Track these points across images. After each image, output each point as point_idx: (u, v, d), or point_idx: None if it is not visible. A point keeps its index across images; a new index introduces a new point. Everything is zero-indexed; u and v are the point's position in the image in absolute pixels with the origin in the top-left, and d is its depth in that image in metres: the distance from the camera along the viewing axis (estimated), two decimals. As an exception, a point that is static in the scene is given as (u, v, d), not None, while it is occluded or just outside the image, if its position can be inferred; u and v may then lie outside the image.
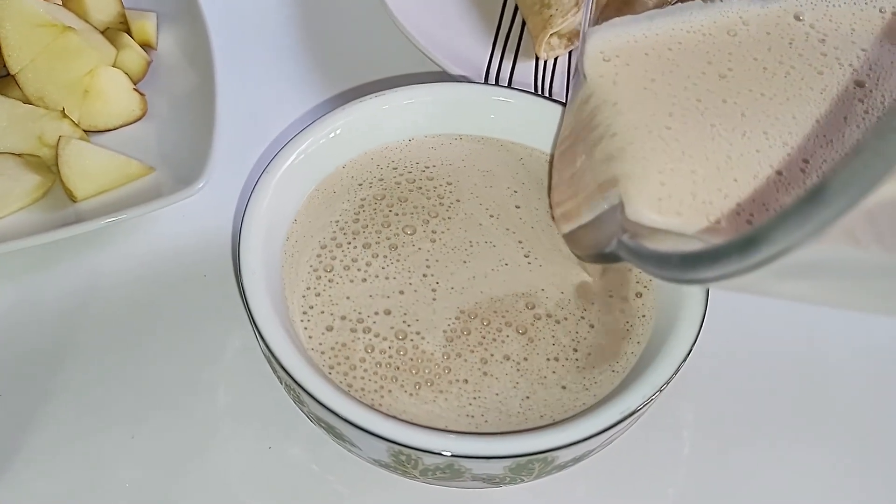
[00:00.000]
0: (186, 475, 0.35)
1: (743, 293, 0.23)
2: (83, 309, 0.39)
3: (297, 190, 0.35)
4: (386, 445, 0.28)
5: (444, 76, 0.45)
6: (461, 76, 0.45)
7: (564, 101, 0.36)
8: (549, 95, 0.45)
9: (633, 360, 0.31)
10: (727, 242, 0.19)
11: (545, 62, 0.47)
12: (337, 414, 0.28)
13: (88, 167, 0.41)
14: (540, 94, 0.42)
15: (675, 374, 0.29)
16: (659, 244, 0.26)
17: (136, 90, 0.45)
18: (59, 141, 0.41)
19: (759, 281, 0.20)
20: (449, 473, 0.29)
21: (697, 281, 0.21)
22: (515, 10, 0.50)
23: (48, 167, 0.42)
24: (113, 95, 0.44)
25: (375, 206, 0.35)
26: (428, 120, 0.37)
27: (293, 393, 0.31)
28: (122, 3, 0.48)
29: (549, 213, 0.35)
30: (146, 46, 0.47)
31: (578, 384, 0.31)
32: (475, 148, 0.37)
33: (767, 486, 0.36)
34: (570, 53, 0.48)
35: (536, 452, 0.28)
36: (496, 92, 0.37)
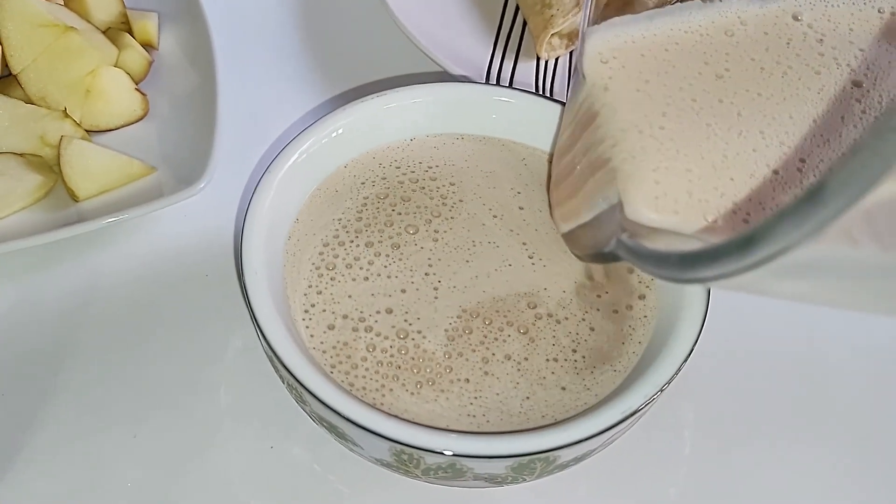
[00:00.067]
0: (187, 475, 0.35)
1: (742, 293, 0.23)
2: (85, 309, 0.39)
3: (298, 189, 0.35)
4: (388, 445, 0.28)
5: (445, 76, 0.45)
6: (462, 76, 0.45)
7: (565, 101, 0.36)
8: (550, 95, 0.45)
9: (634, 359, 0.32)
10: (726, 242, 0.19)
11: (546, 62, 0.47)
12: (339, 413, 0.28)
13: (90, 167, 0.41)
14: (541, 94, 0.42)
15: (676, 373, 0.30)
16: (658, 243, 0.26)
17: (137, 90, 0.45)
18: (60, 141, 0.41)
19: (758, 280, 0.20)
20: (451, 473, 0.29)
21: (696, 280, 0.21)
22: (516, 10, 0.50)
23: (50, 167, 0.42)
24: (114, 95, 0.44)
25: (378, 204, 0.35)
26: (429, 120, 0.37)
27: (295, 392, 0.31)
28: (123, 2, 0.48)
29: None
30: (148, 46, 0.47)
31: (578, 385, 0.31)
32: (478, 148, 0.37)
33: (768, 485, 0.36)
34: (570, 53, 0.48)
35: (538, 452, 0.28)
36: (497, 92, 0.38)
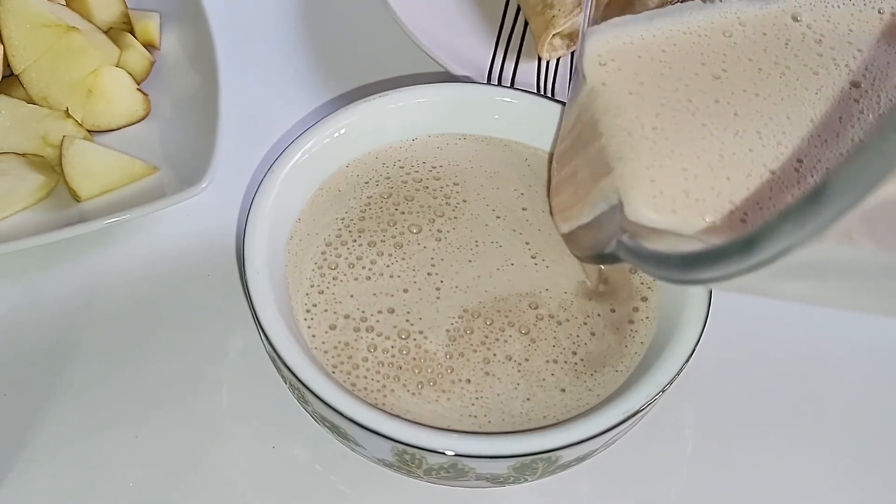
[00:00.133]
0: (189, 475, 0.35)
1: (743, 294, 0.23)
2: (86, 308, 0.39)
3: (301, 189, 0.35)
4: (390, 445, 0.28)
5: (446, 76, 0.45)
6: (464, 76, 0.45)
7: (566, 101, 0.36)
8: (551, 96, 0.45)
9: (636, 360, 0.32)
10: (728, 243, 0.19)
11: (547, 62, 0.47)
12: (342, 413, 0.28)
13: (92, 167, 0.41)
14: (542, 94, 0.42)
15: (678, 374, 0.30)
16: (658, 244, 0.26)
17: (139, 90, 0.45)
18: (62, 141, 0.41)
19: (759, 281, 0.20)
20: (453, 473, 0.29)
21: (698, 281, 0.21)
22: (518, 10, 0.50)
23: (52, 167, 0.42)
24: (116, 95, 0.44)
25: (382, 204, 0.35)
26: (431, 120, 0.37)
27: (297, 392, 0.31)
28: (125, 3, 0.48)
29: (554, 214, 0.35)
30: (149, 46, 0.47)
31: (577, 387, 0.31)
32: (481, 148, 0.37)
33: (769, 485, 0.36)
34: (572, 54, 0.48)
35: (540, 452, 0.28)
36: (499, 92, 0.38)
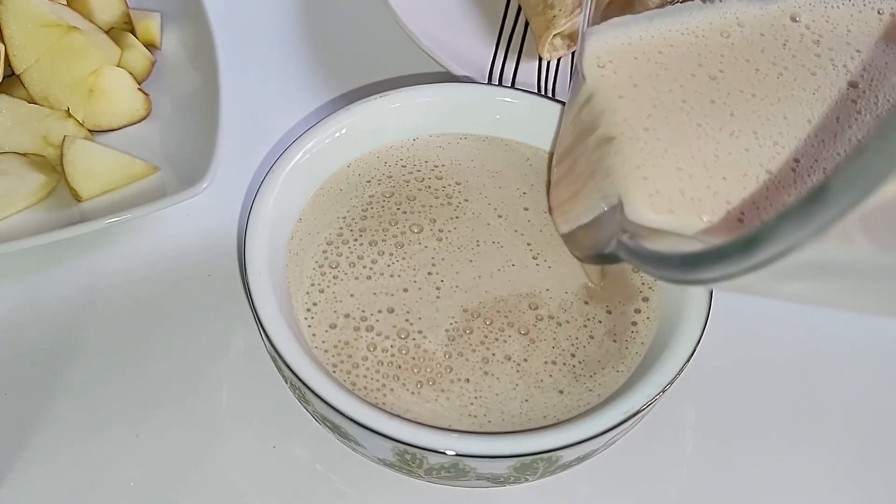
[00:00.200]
0: (189, 475, 0.35)
1: (744, 294, 0.23)
2: (87, 308, 0.39)
3: (302, 189, 0.35)
4: (391, 445, 0.28)
5: (447, 77, 0.45)
6: (465, 77, 0.45)
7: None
8: (552, 96, 0.45)
9: (637, 360, 0.32)
10: (728, 243, 0.19)
11: (548, 63, 0.47)
12: (343, 413, 0.28)
13: (93, 167, 0.41)
14: (543, 94, 0.42)
15: (678, 374, 0.30)
16: (658, 245, 0.26)
17: (140, 90, 0.45)
18: (63, 140, 0.41)
19: (759, 282, 0.20)
20: (453, 473, 0.29)
21: (698, 281, 0.21)
22: (518, 10, 0.50)
23: (53, 167, 0.42)
24: (117, 95, 0.44)
25: (384, 203, 0.35)
26: (432, 120, 0.37)
27: (298, 392, 0.31)
28: (126, 2, 0.48)
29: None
30: (150, 46, 0.47)
31: (576, 389, 0.31)
32: (482, 148, 0.37)
33: (769, 485, 0.36)
34: (573, 54, 0.48)
35: (541, 452, 0.28)
36: (500, 92, 0.38)
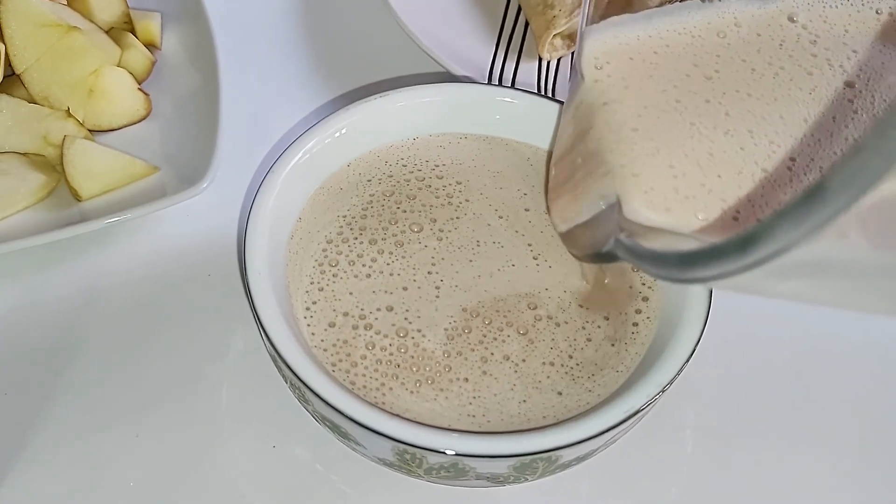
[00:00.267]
0: (189, 475, 0.35)
1: (741, 293, 0.23)
2: (87, 308, 0.39)
3: (302, 189, 0.35)
4: (391, 444, 0.28)
5: (447, 77, 0.45)
6: (465, 77, 0.45)
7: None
8: (552, 96, 0.45)
9: (636, 360, 0.32)
10: (725, 241, 0.19)
11: (548, 63, 0.47)
12: (343, 413, 0.28)
13: (93, 167, 0.41)
14: (543, 94, 0.42)
15: (678, 374, 0.30)
16: (656, 243, 0.26)
17: (140, 90, 0.45)
18: (63, 140, 0.41)
19: (757, 280, 0.20)
20: (453, 472, 0.29)
21: (696, 280, 0.21)
22: (518, 10, 0.50)
23: (53, 166, 0.42)
24: (117, 95, 0.44)
25: (384, 202, 0.35)
26: (432, 120, 0.37)
27: (298, 392, 0.31)
28: (126, 2, 0.48)
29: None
30: (150, 46, 0.47)
31: (575, 389, 0.31)
32: (483, 147, 0.37)
33: (769, 485, 0.36)
34: (572, 54, 0.48)
35: (540, 452, 0.28)
36: (500, 92, 0.38)
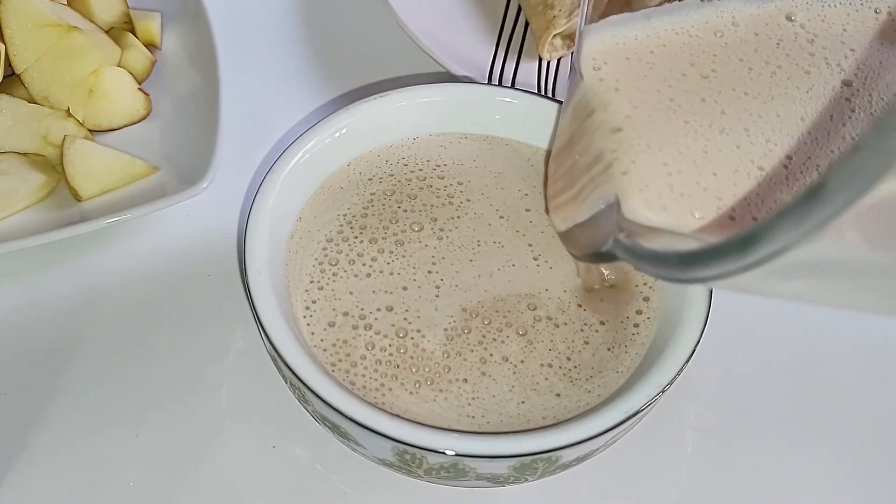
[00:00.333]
0: (189, 475, 0.35)
1: (741, 293, 0.23)
2: (87, 308, 0.39)
3: (302, 189, 0.35)
4: (391, 445, 0.28)
5: (447, 77, 0.45)
6: (465, 77, 0.45)
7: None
8: (552, 96, 0.45)
9: (637, 360, 0.31)
10: (725, 241, 0.19)
11: (548, 63, 0.47)
12: (342, 413, 0.28)
13: (93, 166, 0.41)
14: (543, 94, 0.42)
15: (678, 374, 0.30)
16: (655, 243, 0.26)
17: (140, 90, 0.45)
18: (64, 140, 0.41)
19: (756, 280, 0.20)
20: (453, 473, 0.29)
21: (695, 280, 0.21)
22: (518, 10, 0.50)
23: (53, 166, 0.42)
24: (117, 95, 0.44)
25: (385, 201, 0.35)
26: (432, 120, 0.37)
27: (298, 392, 0.31)
28: (126, 2, 0.48)
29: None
30: (150, 46, 0.47)
31: (574, 391, 0.31)
32: (484, 147, 0.37)
33: (769, 485, 0.36)
34: (573, 54, 0.48)
35: (540, 452, 0.28)
36: (500, 92, 0.38)
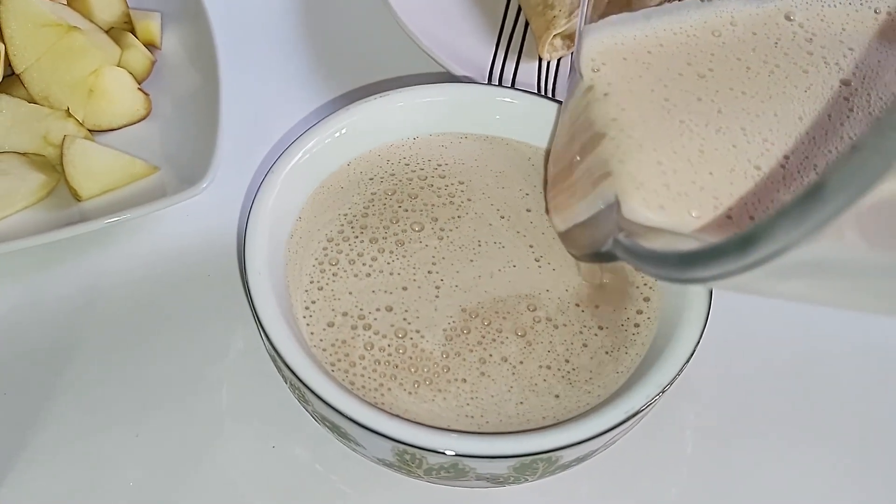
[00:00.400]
0: (189, 475, 0.35)
1: (741, 293, 0.23)
2: (87, 308, 0.39)
3: (302, 188, 0.35)
4: (391, 445, 0.28)
5: (447, 77, 0.45)
6: (465, 77, 0.45)
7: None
8: (552, 96, 0.45)
9: (637, 360, 0.31)
10: (725, 241, 0.19)
11: (548, 63, 0.47)
12: (342, 413, 0.28)
13: (93, 166, 0.41)
14: (543, 94, 0.42)
15: (678, 374, 0.30)
16: (655, 243, 0.26)
17: (140, 90, 0.45)
18: (63, 140, 0.41)
19: (757, 280, 0.20)
20: (453, 473, 0.29)
21: (695, 280, 0.21)
22: (518, 10, 0.50)
23: (53, 166, 0.42)
24: (117, 95, 0.44)
25: (385, 201, 0.35)
26: (433, 120, 0.37)
27: (298, 392, 0.31)
28: (126, 2, 0.48)
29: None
30: (150, 46, 0.47)
31: (573, 391, 0.31)
32: (485, 147, 0.37)
33: (769, 485, 0.36)
34: (573, 54, 0.48)
35: (540, 452, 0.28)
36: (500, 93, 0.38)
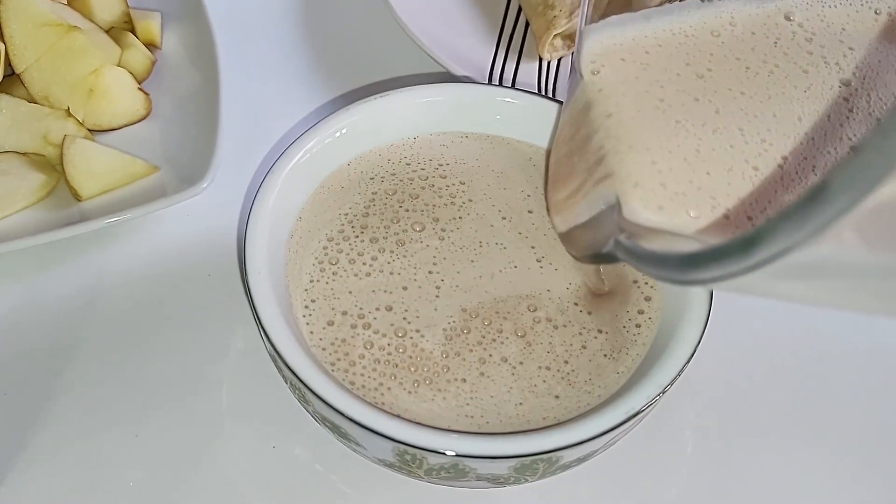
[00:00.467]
0: (189, 475, 0.35)
1: (742, 294, 0.23)
2: (87, 308, 0.39)
3: (302, 188, 0.35)
4: (391, 445, 0.28)
5: (447, 77, 0.45)
6: (465, 77, 0.45)
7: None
8: (552, 96, 0.45)
9: (637, 361, 0.31)
10: (727, 242, 0.19)
11: (548, 63, 0.47)
12: (343, 414, 0.28)
13: (93, 166, 0.41)
14: (543, 94, 0.42)
15: (679, 374, 0.30)
16: (655, 245, 0.26)
17: (140, 89, 0.45)
18: (63, 140, 0.41)
19: (758, 281, 0.20)
20: (453, 473, 0.29)
21: (697, 282, 0.21)
22: (519, 10, 0.50)
23: (53, 166, 0.42)
24: (117, 95, 0.44)
25: (386, 200, 0.35)
26: (433, 120, 0.37)
27: (298, 392, 0.31)
28: (126, 2, 0.48)
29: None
30: (151, 46, 0.47)
31: (572, 392, 0.31)
32: (486, 147, 0.37)
33: (769, 485, 0.36)
34: (573, 54, 0.48)
35: (541, 452, 0.28)
36: (500, 93, 0.38)
